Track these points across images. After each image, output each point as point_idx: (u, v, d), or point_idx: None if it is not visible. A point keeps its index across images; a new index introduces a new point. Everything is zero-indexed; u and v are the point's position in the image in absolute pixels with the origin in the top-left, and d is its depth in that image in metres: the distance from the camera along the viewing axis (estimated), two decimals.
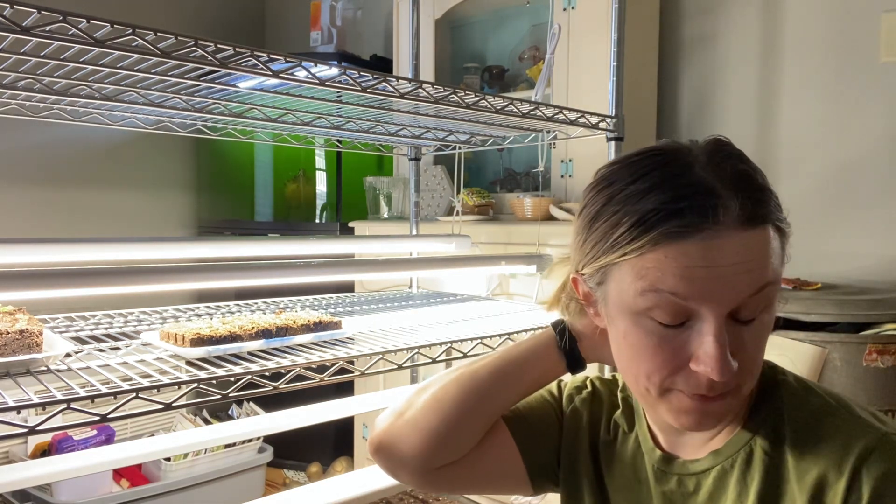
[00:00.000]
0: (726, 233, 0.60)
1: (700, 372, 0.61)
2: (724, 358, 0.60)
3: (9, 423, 0.70)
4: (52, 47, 0.84)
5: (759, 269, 0.61)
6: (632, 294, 0.63)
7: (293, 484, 2.60)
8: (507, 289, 1.91)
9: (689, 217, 0.60)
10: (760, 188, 0.64)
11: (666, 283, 0.60)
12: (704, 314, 0.61)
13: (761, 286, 0.61)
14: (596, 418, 0.82)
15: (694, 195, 0.61)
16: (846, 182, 1.87)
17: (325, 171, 2.80)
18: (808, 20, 1.95)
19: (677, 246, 0.60)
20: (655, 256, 0.61)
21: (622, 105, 1.46)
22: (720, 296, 0.60)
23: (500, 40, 2.58)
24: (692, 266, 0.60)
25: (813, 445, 0.63)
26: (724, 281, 0.60)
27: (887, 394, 1.41)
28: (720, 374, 0.60)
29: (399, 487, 1.22)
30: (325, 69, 1.02)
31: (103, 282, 0.93)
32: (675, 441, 0.74)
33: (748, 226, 0.61)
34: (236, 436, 1.47)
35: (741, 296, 0.60)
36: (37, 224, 2.87)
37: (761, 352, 0.64)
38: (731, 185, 0.62)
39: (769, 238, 0.62)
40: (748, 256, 0.60)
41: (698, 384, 0.62)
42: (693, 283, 0.60)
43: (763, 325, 0.63)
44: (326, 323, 1.08)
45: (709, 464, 0.69)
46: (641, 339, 0.64)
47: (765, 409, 0.68)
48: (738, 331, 0.62)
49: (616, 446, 0.79)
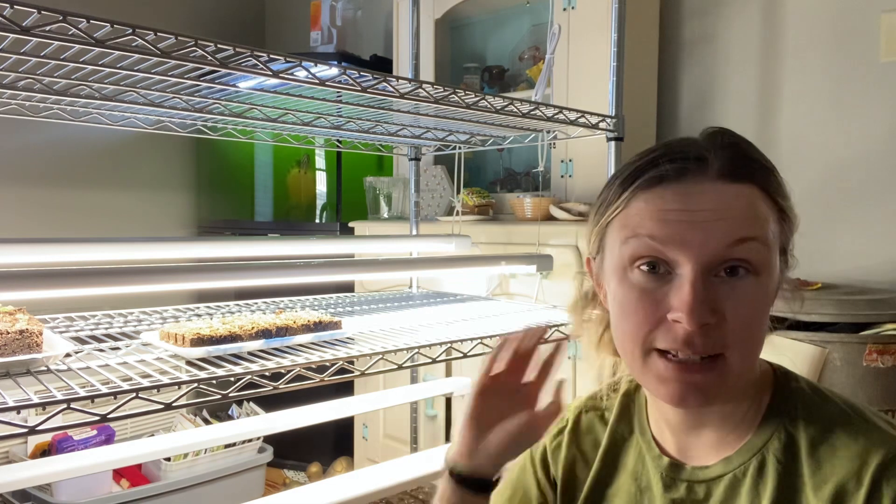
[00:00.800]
0: (704, 183, 0.63)
1: (676, 321, 0.61)
2: (697, 304, 0.59)
3: (9, 423, 0.70)
4: (52, 47, 0.84)
5: (736, 220, 0.61)
6: (618, 246, 0.65)
7: (293, 484, 2.60)
8: (507, 289, 1.91)
9: (668, 167, 0.64)
10: (750, 156, 0.66)
11: (644, 228, 0.63)
12: (682, 263, 0.61)
13: (740, 238, 0.61)
14: (584, 445, 0.81)
15: (679, 151, 0.65)
16: (846, 182, 1.87)
17: (325, 171, 2.80)
18: (808, 20, 1.95)
19: (655, 192, 0.64)
20: (637, 205, 0.64)
21: (622, 105, 1.46)
22: (696, 242, 0.61)
23: (500, 40, 2.58)
24: (668, 209, 0.62)
25: (829, 455, 0.62)
26: (699, 227, 0.61)
27: (887, 394, 1.41)
28: (691, 318, 0.59)
29: (399, 487, 1.22)
30: (325, 69, 1.02)
31: (103, 282, 0.94)
32: (682, 445, 0.72)
33: (728, 179, 0.63)
34: (236, 436, 1.47)
35: (717, 245, 0.60)
36: (37, 224, 2.87)
37: (753, 322, 0.62)
38: (719, 147, 0.65)
39: (752, 197, 0.63)
40: (724, 205, 0.62)
41: (675, 337, 0.61)
42: (669, 226, 0.62)
43: (751, 289, 0.62)
44: (326, 323, 1.08)
45: (720, 471, 0.67)
46: (627, 294, 0.65)
47: (778, 415, 0.66)
48: (721, 288, 0.61)
49: (615, 456, 0.78)
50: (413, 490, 1.72)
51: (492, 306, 1.56)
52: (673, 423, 0.72)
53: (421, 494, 1.71)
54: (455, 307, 1.53)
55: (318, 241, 1.44)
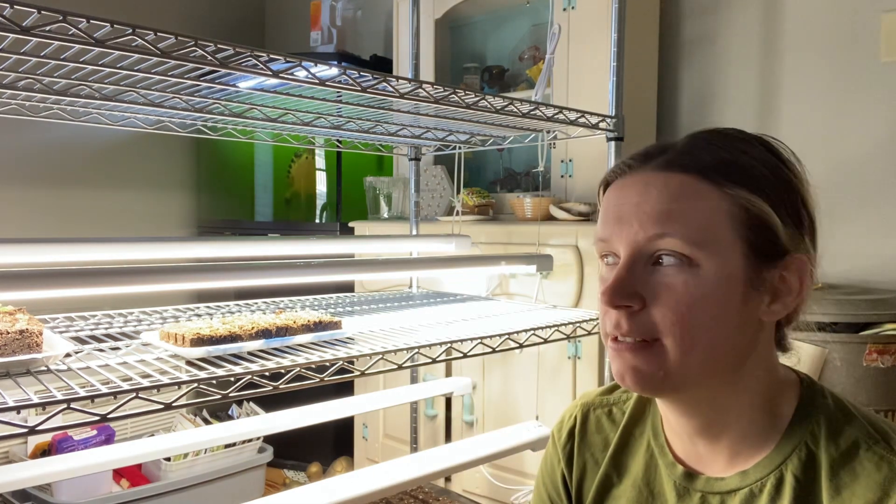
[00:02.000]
0: (638, 175, 0.66)
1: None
2: (613, 286, 0.63)
3: (9, 423, 0.70)
4: (52, 47, 0.84)
5: (655, 213, 0.62)
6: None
7: (293, 484, 2.59)
8: (507, 289, 1.91)
9: (620, 163, 0.68)
10: (700, 147, 0.66)
11: (598, 231, 0.68)
12: (620, 253, 0.65)
13: (657, 233, 0.62)
14: (593, 446, 0.80)
15: (648, 148, 0.68)
16: (846, 182, 1.87)
17: (325, 171, 2.80)
18: (808, 20, 1.95)
19: (611, 188, 0.68)
20: (601, 205, 0.69)
21: (622, 105, 1.46)
22: (623, 234, 0.64)
23: (500, 40, 2.58)
24: (610, 206, 0.67)
25: (850, 481, 0.60)
26: (625, 220, 0.64)
27: (887, 394, 1.41)
28: (605, 298, 0.63)
29: (399, 487, 1.22)
30: (325, 69, 1.02)
31: (103, 282, 0.94)
32: (693, 453, 0.71)
33: (663, 168, 0.65)
34: (236, 436, 1.47)
35: (636, 239, 0.63)
36: (37, 224, 2.87)
37: (688, 312, 0.61)
38: (686, 139, 0.67)
39: (683, 185, 0.63)
40: (645, 197, 0.64)
41: (610, 321, 0.65)
42: (609, 225, 0.66)
43: (682, 279, 0.61)
44: (326, 323, 1.08)
45: (736, 484, 0.66)
46: (599, 288, 0.68)
47: (800, 431, 0.65)
48: (651, 276, 0.63)
49: (624, 457, 0.77)
50: (413, 490, 1.72)
51: (492, 306, 1.56)
52: (677, 429, 0.71)
53: (421, 494, 1.71)
54: (455, 307, 1.53)
55: (318, 241, 1.44)
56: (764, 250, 0.63)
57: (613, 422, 0.80)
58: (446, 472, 1.33)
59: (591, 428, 0.81)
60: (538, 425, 1.52)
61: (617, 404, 0.81)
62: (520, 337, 1.22)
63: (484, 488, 1.99)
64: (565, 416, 0.84)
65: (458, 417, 2.07)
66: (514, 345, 1.21)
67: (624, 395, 0.81)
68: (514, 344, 1.21)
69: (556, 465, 0.83)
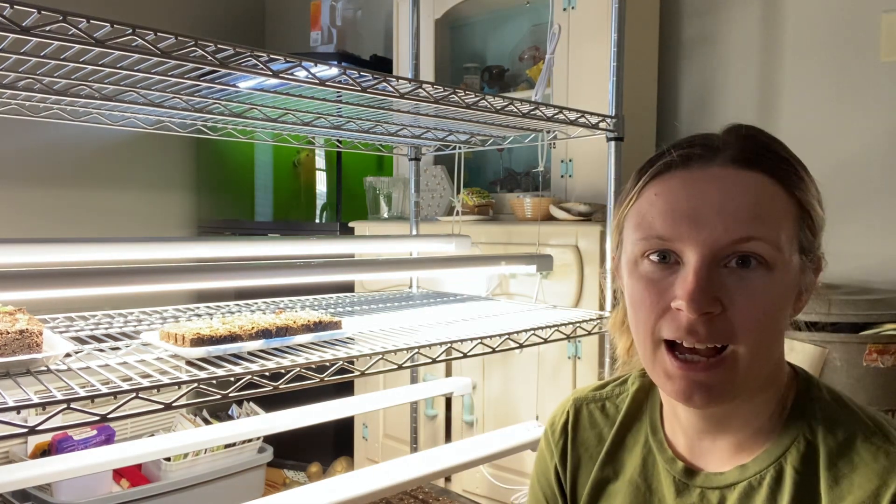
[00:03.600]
0: (711, 169, 0.62)
1: (679, 309, 0.61)
2: (698, 291, 0.59)
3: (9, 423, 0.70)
4: (52, 47, 0.84)
5: (741, 214, 0.60)
6: (631, 241, 0.66)
7: (293, 484, 2.59)
8: (507, 289, 1.91)
9: (675, 153, 0.64)
10: (764, 145, 0.64)
11: (653, 221, 0.63)
12: (688, 253, 0.61)
13: (745, 236, 0.60)
14: (587, 442, 0.80)
15: (690, 140, 0.65)
16: (846, 182, 1.87)
17: (325, 171, 2.80)
18: (808, 20, 1.95)
19: (663, 180, 0.64)
20: (647, 196, 0.64)
21: (622, 105, 1.46)
22: (701, 234, 0.60)
23: (500, 40, 2.58)
24: (673, 199, 0.62)
25: (848, 471, 0.60)
26: (704, 219, 0.60)
27: (887, 394, 1.41)
28: (691, 306, 0.59)
29: (399, 487, 1.22)
30: (325, 69, 1.02)
31: (103, 282, 0.94)
32: (695, 449, 0.70)
33: (735, 166, 0.62)
34: (236, 436, 1.47)
35: (722, 238, 0.60)
36: (37, 224, 2.87)
37: (763, 316, 0.60)
38: (734, 136, 0.64)
39: (762, 187, 0.61)
40: (728, 196, 0.60)
41: (679, 326, 0.61)
42: (674, 219, 0.62)
43: (761, 282, 0.60)
44: (326, 323, 1.07)
45: (735, 478, 0.66)
46: (636, 286, 0.65)
47: (798, 423, 0.65)
48: (729, 278, 0.60)
49: (620, 453, 0.77)
50: (413, 490, 1.72)
51: (492, 306, 1.56)
52: (686, 426, 0.70)
53: (421, 494, 1.71)
54: (455, 307, 1.53)
55: (318, 241, 1.44)
56: (807, 251, 0.65)
57: (607, 417, 0.79)
58: (446, 472, 1.33)
59: (583, 423, 0.81)
60: (538, 425, 1.52)
61: (610, 399, 0.81)
62: (520, 337, 1.22)
63: (484, 488, 1.99)
64: (558, 411, 0.84)
65: (458, 417, 2.07)
66: (514, 345, 1.21)
67: (617, 389, 0.81)
68: (514, 344, 1.21)
69: (550, 460, 0.82)
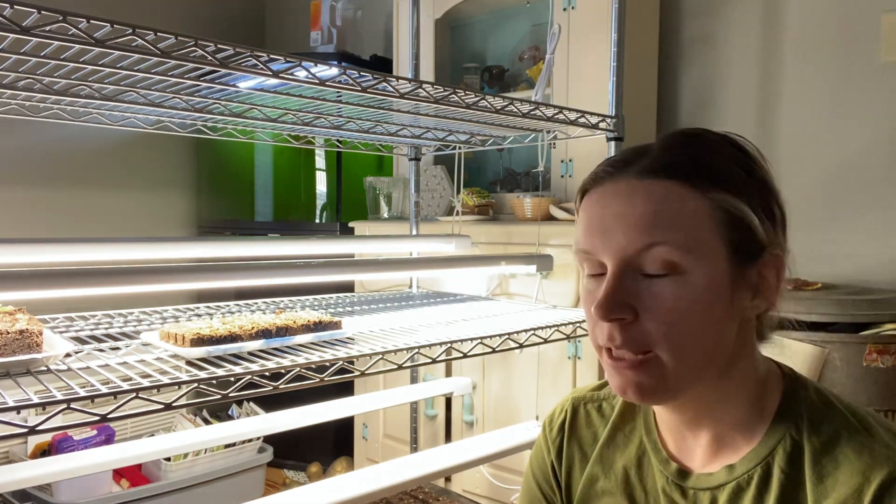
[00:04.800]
0: (620, 183, 0.64)
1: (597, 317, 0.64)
2: (605, 300, 0.62)
3: (9, 423, 0.70)
4: (52, 47, 0.84)
5: (642, 223, 0.62)
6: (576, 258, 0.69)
7: (293, 484, 2.59)
8: (507, 289, 1.91)
9: (598, 172, 0.67)
10: (679, 152, 0.65)
11: (580, 242, 0.67)
12: (607, 264, 0.64)
13: (647, 243, 0.61)
14: (582, 441, 0.81)
15: (618, 155, 0.68)
16: (846, 182, 1.87)
17: (325, 171, 2.80)
18: (808, 20, 1.95)
19: (588, 197, 0.67)
20: (581, 214, 0.68)
21: (622, 105, 1.46)
22: (610, 245, 0.63)
23: (500, 40, 2.58)
24: (590, 217, 0.66)
25: (833, 469, 0.61)
26: (610, 230, 0.63)
27: (887, 394, 1.41)
28: (599, 312, 0.62)
29: (399, 487, 1.22)
30: (325, 69, 1.02)
31: (103, 282, 0.93)
32: (682, 448, 0.72)
33: (642, 177, 0.64)
34: (236, 436, 1.47)
35: (626, 251, 0.62)
36: (37, 224, 2.87)
37: (680, 321, 0.61)
38: (661, 144, 0.66)
39: (668, 193, 0.62)
40: (629, 207, 0.63)
41: (602, 333, 0.64)
42: (592, 236, 0.65)
43: (673, 288, 0.61)
44: (326, 323, 1.07)
45: (724, 479, 0.67)
46: (583, 297, 0.68)
47: (783, 424, 0.66)
48: (641, 286, 0.62)
49: (612, 452, 0.78)
50: (413, 490, 1.72)
51: (492, 306, 1.56)
52: (668, 424, 0.72)
53: (421, 494, 1.71)
54: (455, 307, 1.53)
55: (318, 241, 1.44)
56: (744, 249, 0.64)
57: (603, 416, 0.81)
58: (446, 472, 1.33)
59: (580, 422, 0.82)
60: (538, 425, 1.52)
61: (607, 399, 0.82)
62: (520, 337, 1.22)
63: (484, 488, 1.99)
64: (556, 409, 0.86)
65: (458, 417, 2.07)
66: (514, 345, 1.21)
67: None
68: (514, 344, 1.21)
69: (546, 456, 0.84)
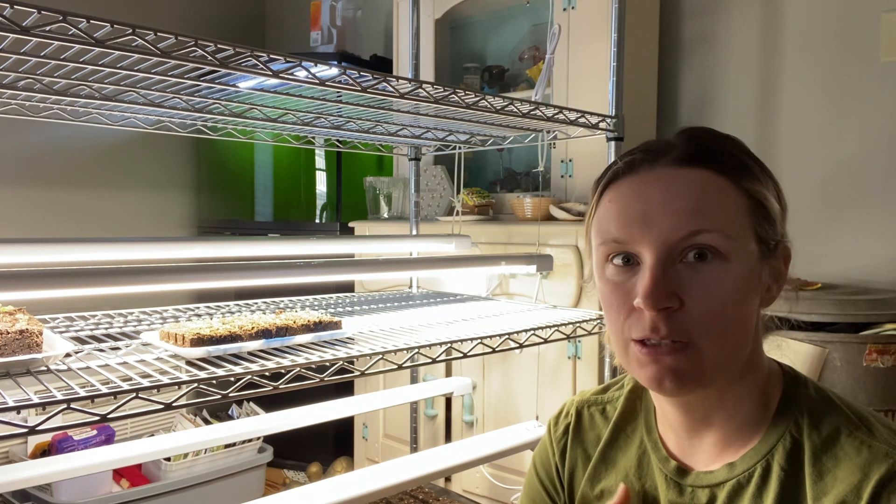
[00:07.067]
0: (659, 171, 0.64)
1: (639, 307, 0.62)
2: (653, 288, 0.61)
3: (9, 423, 0.70)
4: (52, 47, 0.84)
5: (687, 209, 0.62)
6: (596, 248, 0.68)
7: (293, 484, 2.59)
8: (507, 289, 1.91)
9: (621, 161, 0.67)
10: (708, 144, 0.66)
11: (609, 228, 0.66)
12: (644, 253, 0.63)
13: (692, 231, 0.61)
14: (586, 442, 0.82)
15: (638, 147, 0.67)
16: (846, 182, 1.87)
17: (325, 171, 2.80)
18: (808, 20, 1.95)
19: (614, 188, 0.66)
20: (604, 204, 0.67)
21: (622, 105, 1.46)
22: (651, 234, 0.63)
23: (500, 40, 2.58)
24: (626, 206, 0.65)
25: (832, 466, 0.61)
26: (652, 219, 0.63)
27: (887, 394, 1.41)
28: (648, 302, 0.61)
29: (399, 487, 1.22)
30: (325, 69, 1.02)
31: (103, 282, 0.94)
32: (684, 447, 0.71)
33: (678, 165, 0.64)
34: (236, 436, 1.47)
35: (670, 238, 0.62)
36: (37, 224, 2.87)
37: (722, 308, 0.62)
38: (681, 137, 0.67)
39: (707, 182, 0.63)
40: (671, 194, 0.63)
41: (643, 325, 0.62)
42: (627, 222, 0.64)
43: (717, 274, 0.61)
44: (326, 323, 1.08)
45: (723, 476, 0.67)
46: (606, 290, 0.67)
47: (783, 422, 0.66)
48: (684, 273, 0.62)
49: (613, 452, 0.78)
50: (413, 490, 1.72)
51: (492, 306, 1.56)
52: (675, 424, 0.72)
53: (421, 494, 1.71)
54: (455, 307, 1.53)
55: (318, 241, 1.44)
56: (767, 240, 0.65)
57: (606, 419, 0.81)
58: (446, 472, 1.33)
59: (584, 425, 0.83)
60: (538, 425, 1.52)
61: (611, 402, 0.82)
62: (520, 337, 1.22)
63: (484, 488, 1.99)
64: (561, 411, 0.86)
65: (458, 417, 2.07)
66: (514, 345, 1.21)
67: (617, 393, 0.83)
68: (514, 344, 1.21)
69: (551, 456, 0.85)
